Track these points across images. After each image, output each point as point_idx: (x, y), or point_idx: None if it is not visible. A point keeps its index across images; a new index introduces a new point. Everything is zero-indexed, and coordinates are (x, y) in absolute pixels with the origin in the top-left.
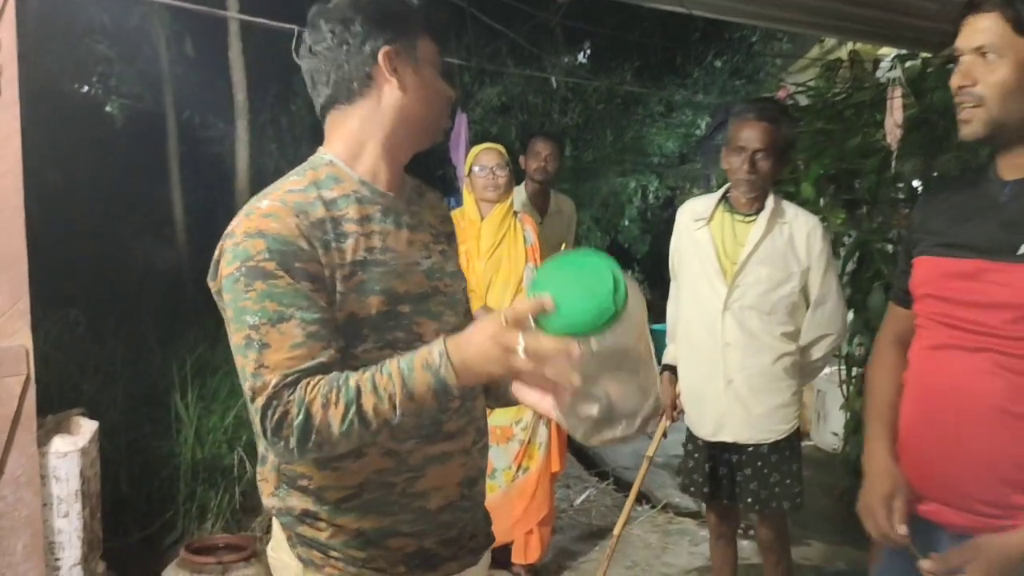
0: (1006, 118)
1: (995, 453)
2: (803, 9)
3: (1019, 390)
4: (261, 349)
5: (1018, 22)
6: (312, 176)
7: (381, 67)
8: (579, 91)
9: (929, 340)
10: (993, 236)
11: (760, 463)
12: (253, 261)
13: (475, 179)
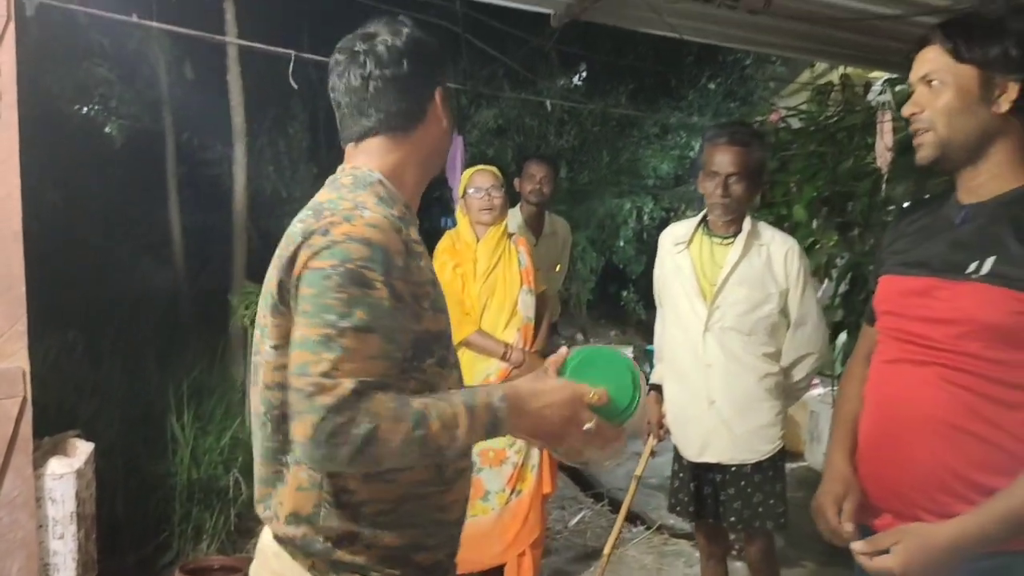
0: (952, 138)
1: (937, 463)
2: (793, 35)
3: (961, 403)
4: (341, 351)
5: (956, 51)
6: (375, 191)
7: (437, 105)
8: (575, 113)
9: (885, 354)
10: (945, 256)
11: (744, 483)
12: (354, 264)
13: (470, 201)
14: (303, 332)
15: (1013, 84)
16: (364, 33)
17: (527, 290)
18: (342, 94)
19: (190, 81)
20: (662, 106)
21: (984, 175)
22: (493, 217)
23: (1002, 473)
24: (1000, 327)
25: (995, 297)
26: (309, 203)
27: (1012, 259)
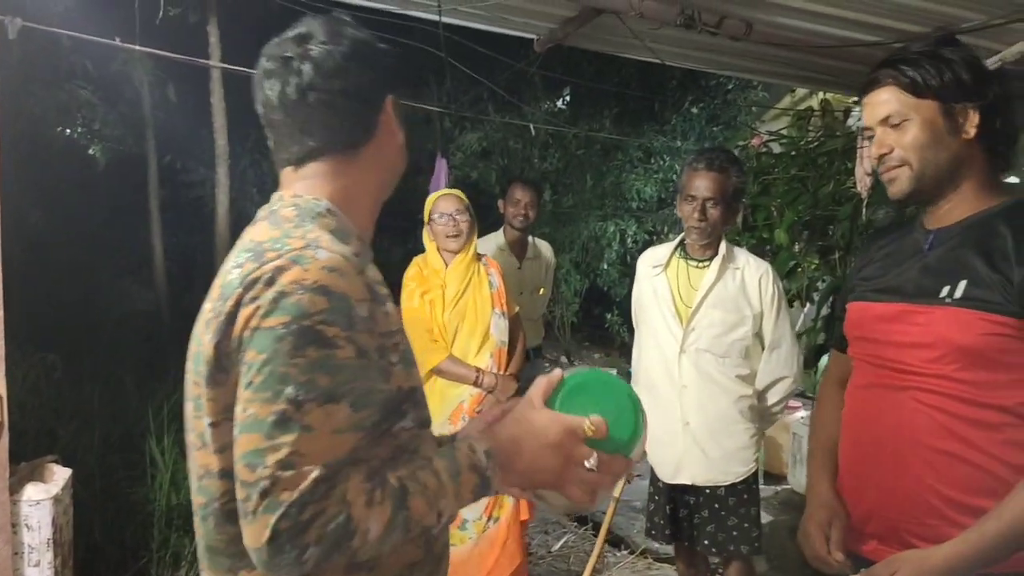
0: (926, 170)
1: (919, 487)
2: (774, 60)
3: (940, 425)
4: (301, 431)
5: (914, 86)
6: (326, 225)
7: (388, 117)
8: (559, 137)
9: (861, 380)
10: (916, 281)
11: (717, 506)
12: (309, 321)
13: (435, 227)
14: (253, 411)
15: (973, 110)
16: (296, 35)
17: (499, 313)
18: (275, 110)
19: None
20: (646, 130)
21: (952, 201)
22: (460, 243)
23: (984, 493)
24: (974, 349)
25: (969, 320)
26: (241, 240)
27: (982, 282)
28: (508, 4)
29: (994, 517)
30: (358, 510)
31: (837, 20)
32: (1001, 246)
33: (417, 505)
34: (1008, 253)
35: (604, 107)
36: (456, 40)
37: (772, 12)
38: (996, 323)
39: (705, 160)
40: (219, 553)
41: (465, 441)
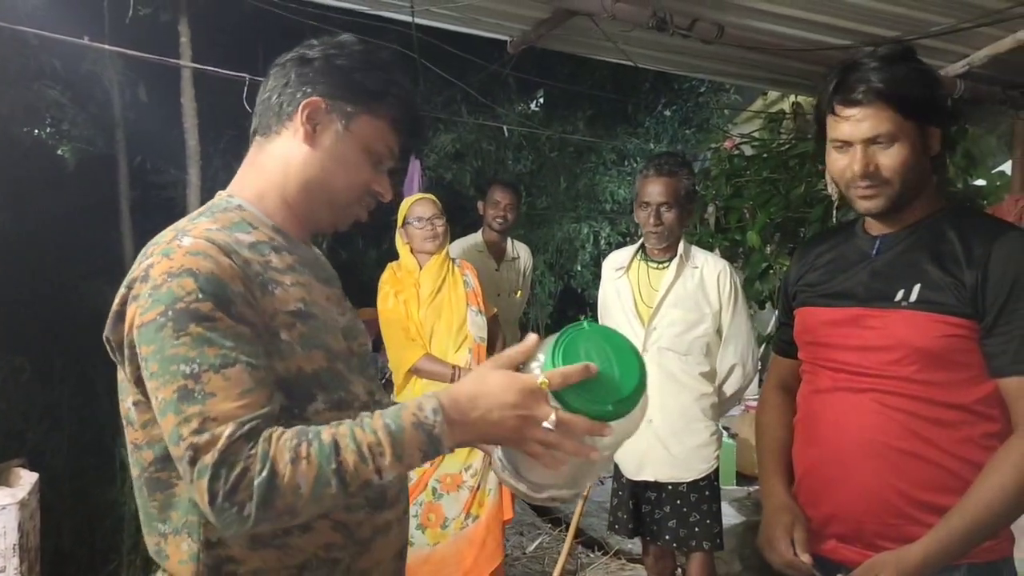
0: (906, 191)
1: (883, 487)
2: (746, 63)
3: (899, 425)
4: (205, 399)
5: (903, 108)
6: (224, 219)
7: (298, 113)
8: (532, 139)
9: (816, 384)
10: (867, 285)
11: (679, 501)
12: (183, 303)
13: (412, 231)
14: (161, 396)
15: (936, 130)
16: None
17: (476, 310)
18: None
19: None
20: (619, 132)
21: (904, 210)
22: (436, 246)
23: (945, 490)
24: (932, 350)
25: (925, 322)
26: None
27: (935, 285)
28: (480, 5)
29: (958, 513)
30: (282, 466)
31: (807, 23)
32: (950, 250)
33: (349, 460)
34: (958, 256)
35: (578, 109)
36: (429, 41)
37: (743, 15)
38: (951, 324)
39: (655, 167)
40: (152, 518)
41: (416, 400)
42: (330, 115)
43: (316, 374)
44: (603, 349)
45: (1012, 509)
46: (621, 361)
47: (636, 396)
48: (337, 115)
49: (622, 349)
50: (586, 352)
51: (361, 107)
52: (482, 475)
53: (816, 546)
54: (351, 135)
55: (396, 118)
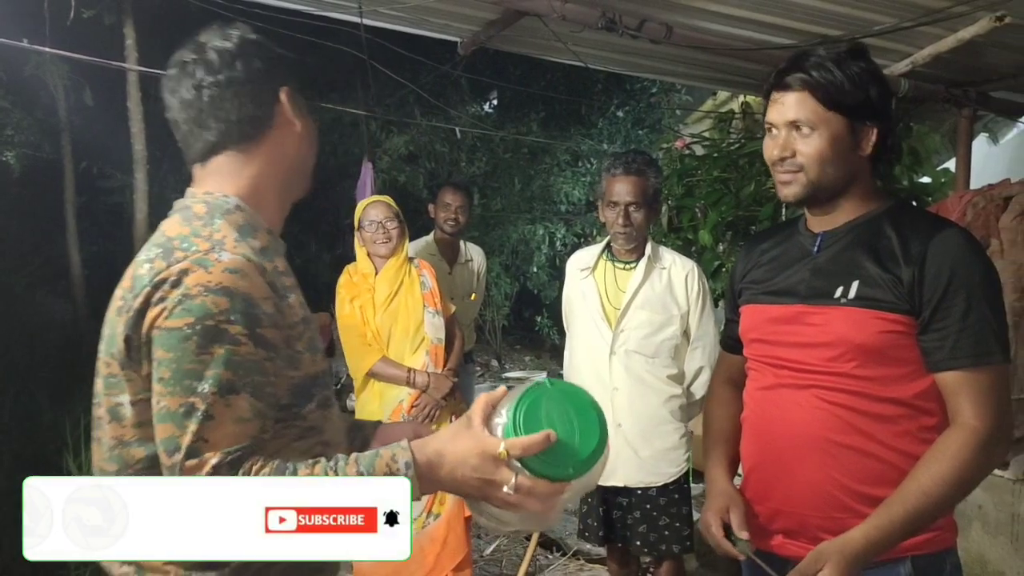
0: (821, 181)
1: (825, 481)
2: (695, 63)
3: (841, 420)
4: (204, 420)
5: (827, 99)
6: (234, 222)
7: (284, 107)
8: (486, 140)
9: (761, 381)
10: (809, 283)
11: (649, 506)
12: (213, 320)
13: (365, 234)
14: (166, 403)
15: (874, 130)
16: (193, 42)
17: (433, 312)
18: (177, 111)
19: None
20: (572, 133)
21: (839, 207)
22: (390, 249)
23: (886, 483)
24: (871, 347)
25: (863, 319)
26: (156, 235)
27: (873, 282)
28: (429, 6)
29: (898, 500)
30: None
31: (753, 23)
32: (888, 246)
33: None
34: (895, 253)
35: (531, 110)
36: (380, 43)
37: (691, 16)
38: (889, 321)
39: (623, 165)
40: None
41: (391, 449)
42: (295, 101)
43: (315, 376)
44: (564, 409)
45: (949, 496)
46: (582, 420)
47: (597, 455)
48: (297, 100)
49: (583, 407)
50: (547, 414)
51: (296, 81)
52: None
53: (763, 542)
54: (304, 108)
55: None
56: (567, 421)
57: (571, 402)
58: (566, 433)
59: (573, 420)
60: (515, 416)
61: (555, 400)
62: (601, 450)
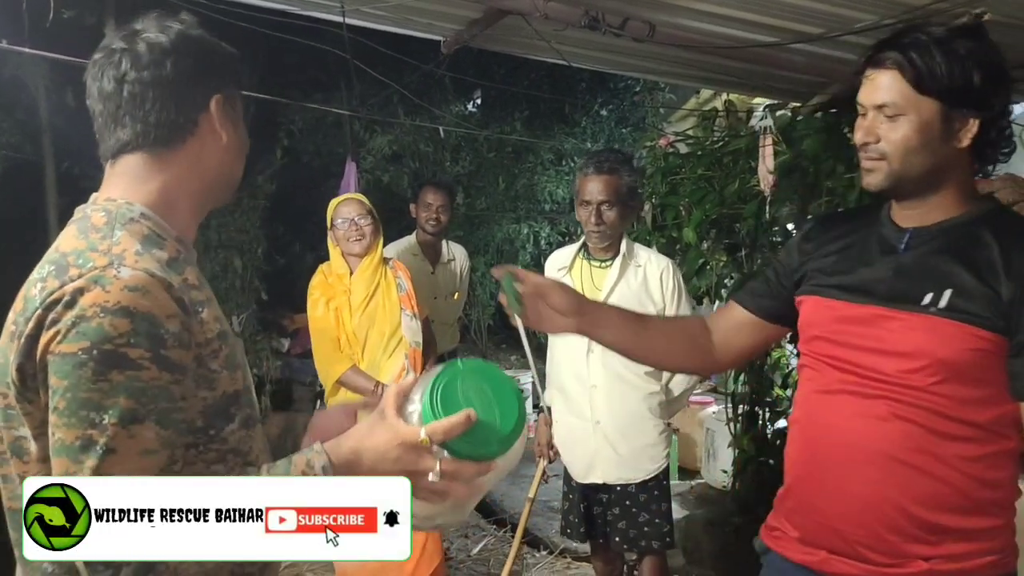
0: (907, 172)
1: (883, 500)
2: (678, 62)
3: (908, 437)
4: (104, 455)
5: (918, 82)
6: (136, 231)
7: (212, 117)
8: (470, 139)
9: (820, 384)
10: (893, 284)
11: (628, 502)
12: (112, 344)
13: (338, 232)
14: (60, 436)
15: (974, 120)
16: (128, 29)
17: (410, 315)
18: (96, 100)
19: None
20: (556, 132)
21: (930, 203)
22: (364, 247)
23: (948, 510)
24: (956, 363)
25: (952, 332)
26: (50, 251)
27: (967, 293)
28: (412, 5)
29: None
30: None
31: (736, 21)
32: (987, 257)
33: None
34: (995, 265)
35: (515, 109)
36: (363, 42)
37: (674, 14)
38: (981, 338)
39: (594, 164)
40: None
41: (304, 455)
42: (227, 106)
43: (236, 394)
44: (481, 388)
45: None
46: (500, 397)
47: (518, 430)
48: (229, 104)
49: (499, 383)
50: (464, 394)
51: (234, 86)
52: None
53: (806, 557)
54: (237, 115)
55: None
56: (485, 399)
57: (486, 379)
58: (485, 411)
59: (491, 397)
60: (431, 399)
61: (469, 379)
62: (522, 424)
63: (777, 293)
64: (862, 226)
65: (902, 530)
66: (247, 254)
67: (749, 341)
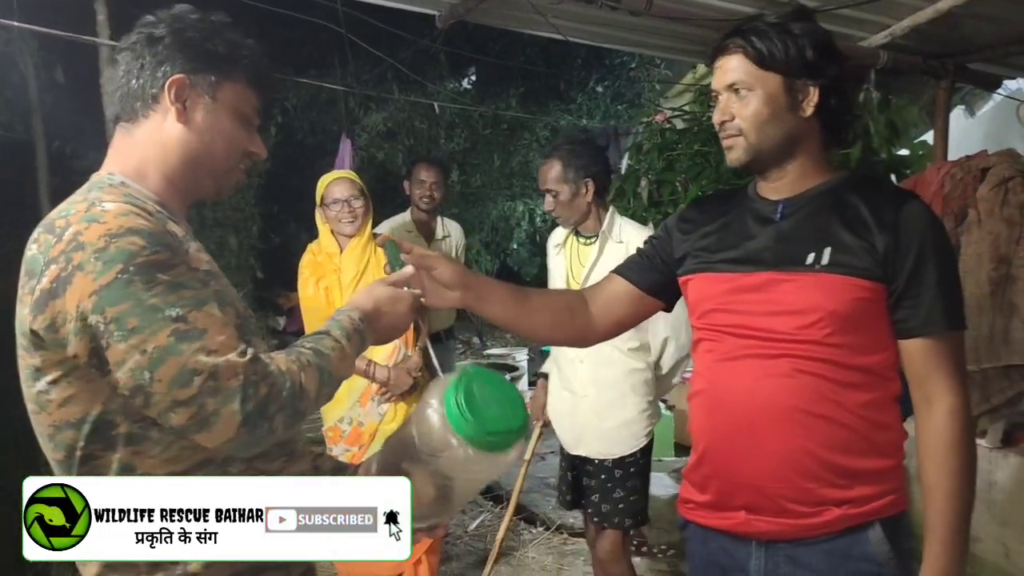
0: (763, 144)
1: (795, 450)
2: (674, 36)
3: (812, 389)
4: (201, 335)
5: (760, 59)
6: (115, 192)
7: (165, 94)
8: (465, 116)
9: (721, 352)
10: (777, 250)
11: (605, 477)
12: (142, 257)
13: (329, 213)
14: (152, 346)
15: (814, 88)
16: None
17: None
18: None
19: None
20: (552, 109)
21: (791, 173)
22: (356, 227)
23: (855, 452)
24: (844, 313)
25: (838, 285)
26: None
27: (846, 248)
28: None
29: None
30: (295, 375)
31: None
32: (857, 214)
33: (332, 362)
34: (866, 221)
35: (510, 86)
36: (357, 16)
37: None
38: (863, 287)
39: (545, 152)
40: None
41: (344, 312)
42: (196, 89)
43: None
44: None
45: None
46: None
47: (524, 428)
48: (202, 88)
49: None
50: (480, 393)
51: (222, 75)
52: None
53: (724, 522)
54: (220, 104)
55: (252, 77)
56: (497, 398)
57: (494, 384)
58: (499, 407)
59: (501, 397)
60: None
61: (482, 382)
62: (527, 423)
63: (657, 267)
64: (733, 206)
65: (818, 476)
66: (242, 233)
67: (627, 311)
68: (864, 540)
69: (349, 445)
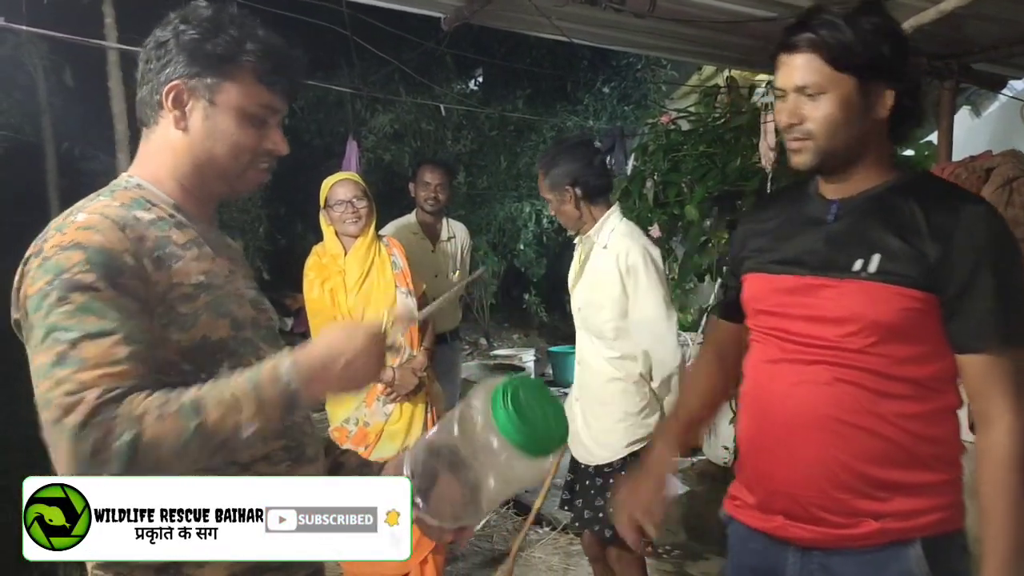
0: (833, 148)
1: (831, 460)
2: (679, 38)
3: (849, 398)
4: (79, 364)
5: (834, 60)
6: (124, 197)
7: (164, 101)
8: (472, 118)
9: (765, 354)
10: (824, 254)
11: (588, 482)
12: (69, 274)
13: (333, 214)
14: (40, 361)
15: (889, 92)
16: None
17: (405, 291)
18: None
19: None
20: (558, 110)
21: (856, 174)
22: (360, 228)
23: (894, 465)
24: (889, 324)
25: (884, 295)
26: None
27: (895, 256)
28: None
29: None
30: (148, 425)
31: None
32: (911, 221)
33: (212, 416)
34: (920, 228)
35: (516, 87)
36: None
37: None
38: (911, 297)
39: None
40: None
41: (273, 359)
42: (193, 94)
43: (223, 342)
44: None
45: None
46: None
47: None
48: (200, 92)
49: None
50: (526, 398)
51: (219, 76)
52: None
53: (764, 523)
54: (219, 107)
55: (259, 71)
56: (542, 404)
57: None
58: (544, 414)
59: (545, 405)
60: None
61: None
62: (567, 434)
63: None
64: (790, 204)
65: (852, 487)
66: (248, 234)
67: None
68: (904, 556)
69: (355, 445)
